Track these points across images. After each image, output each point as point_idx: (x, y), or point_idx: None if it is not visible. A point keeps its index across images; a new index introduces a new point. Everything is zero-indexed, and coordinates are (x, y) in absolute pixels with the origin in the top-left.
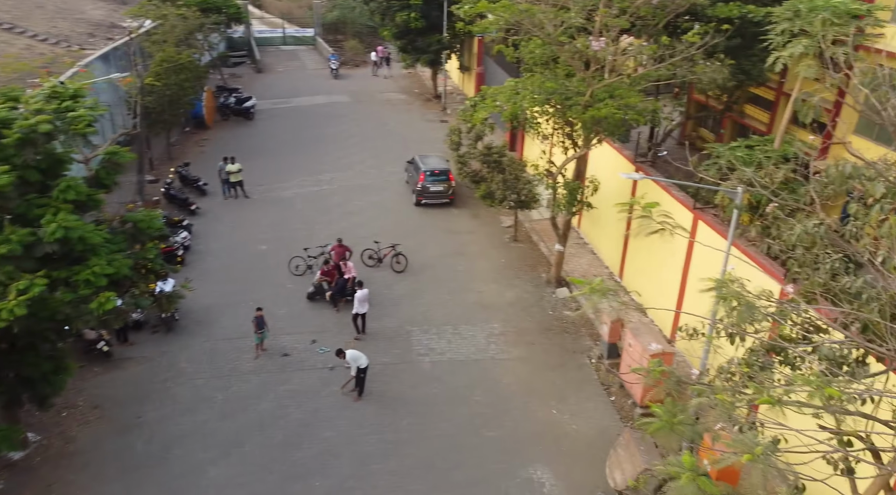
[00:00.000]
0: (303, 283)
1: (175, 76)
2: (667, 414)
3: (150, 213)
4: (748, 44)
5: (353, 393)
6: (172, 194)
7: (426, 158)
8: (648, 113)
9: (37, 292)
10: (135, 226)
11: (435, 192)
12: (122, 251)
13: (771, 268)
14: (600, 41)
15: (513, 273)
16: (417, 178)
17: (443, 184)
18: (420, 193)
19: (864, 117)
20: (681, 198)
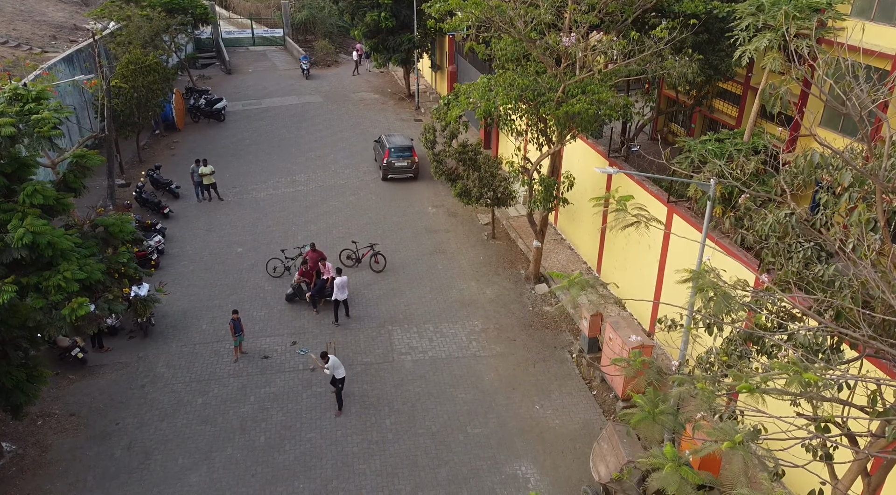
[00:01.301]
0: (281, 285)
1: (142, 78)
2: (648, 404)
3: (122, 217)
4: (715, 39)
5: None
6: (144, 198)
7: (391, 137)
8: (620, 108)
9: (6, 299)
10: (106, 230)
11: (399, 168)
12: (93, 255)
13: (745, 259)
14: (571, 37)
15: (492, 270)
16: (383, 155)
17: (406, 160)
18: (385, 169)
19: (829, 109)
20: (655, 191)
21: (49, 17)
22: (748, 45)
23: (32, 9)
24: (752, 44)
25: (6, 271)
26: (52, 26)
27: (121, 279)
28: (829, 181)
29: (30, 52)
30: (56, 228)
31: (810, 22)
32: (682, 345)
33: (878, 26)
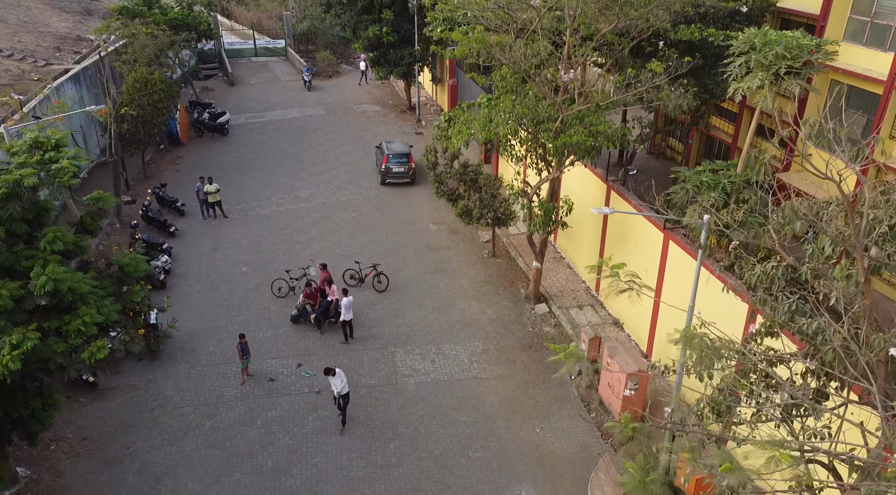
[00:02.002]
0: (286, 305)
1: (148, 97)
2: (639, 471)
3: (136, 257)
4: (710, 63)
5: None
6: (151, 216)
7: (391, 144)
8: (618, 138)
9: (30, 346)
10: (121, 269)
11: (397, 173)
12: (109, 295)
13: (740, 292)
14: (570, 73)
15: (492, 289)
16: (381, 161)
17: (403, 165)
18: (384, 174)
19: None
20: (651, 217)
21: (53, 28)
22: (741, 82)
23: (36, 20)
24: (744, 82)
25: (28, 316)
26: (55, 37)
27: (135, 317)
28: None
29: (35, 65)
30: (74, 271)
31: (799, 62)
32: (674, 390)
33: (869, 51)
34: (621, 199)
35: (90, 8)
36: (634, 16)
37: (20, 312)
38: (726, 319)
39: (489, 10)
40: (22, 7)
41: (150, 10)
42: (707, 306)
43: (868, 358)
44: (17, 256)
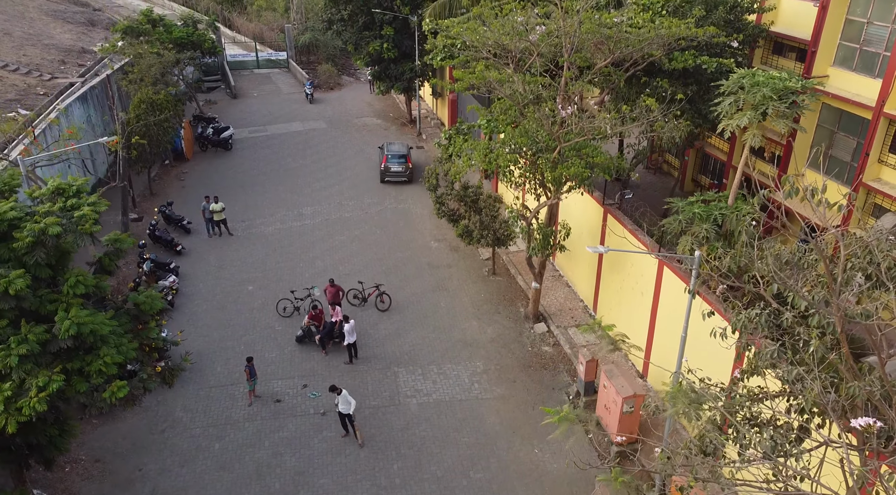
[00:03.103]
0: (291, 325)
1: (154, 116)
2: None
3: (151, 295)
4: (704, 89)
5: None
6: (158, 235)
7: (391, 145)
8: (614, 169)
9: (55, 388)
10: (137, 307)
11: (395, 172)
12: (127, 333)
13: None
14: (568, 109)
15: (493, 308)
16: (381, 160)
17: (401, 165)
18: (383, 172)
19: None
20: (646, 241)
21: (57, 41)
22: (731, 120)
23: (41, 32)
24: (733, 120)
25: (52, 358)
26: (60, 50)
27: (150, 352)
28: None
29: (40, 79)
30: (94, 311)
31: (786, 103)
32: (665, 433)
33: (859, 77)
34: (617, 223)
35: (93, 19)
36: (628, 51)
37: (45, 354)
38: (718, 350)
39: (488, 46)
40: (26, 19)
41: (155, 28)
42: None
43: (845, 404)
44: (41, 300)
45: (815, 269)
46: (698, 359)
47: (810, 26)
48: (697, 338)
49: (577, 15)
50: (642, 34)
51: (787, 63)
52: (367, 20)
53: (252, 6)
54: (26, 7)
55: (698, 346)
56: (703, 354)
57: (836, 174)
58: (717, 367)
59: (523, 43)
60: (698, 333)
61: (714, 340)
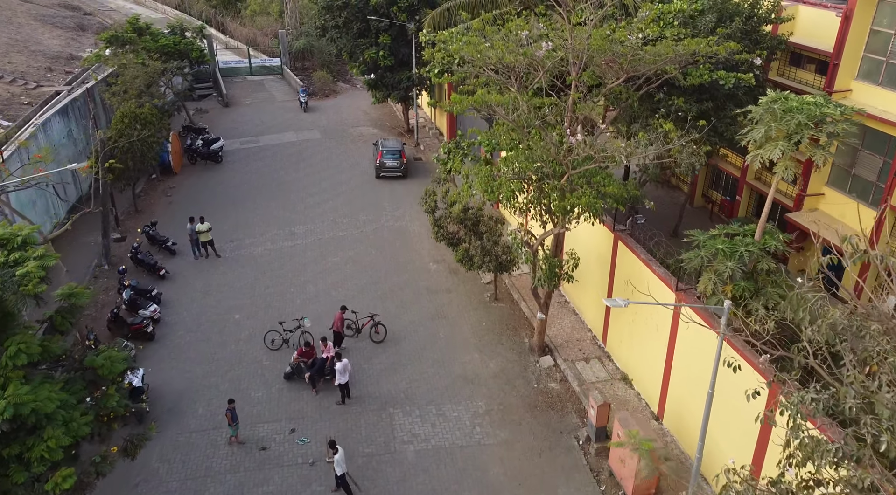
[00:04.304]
0: (279, 359)
1: (138, 132)
2: None
3: (111, 355)
4: (720, 105)
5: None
6: (140, 258)
7: (386, 141)
8: (628, 198)
9: None
10: (94, 371)
11: (390, 167)
12: (81, 402)
13: (758, 365)
14: (577, 135)
15: (495, 338)
16: (377, 156)
17: (396, 160)
18: (379, 168)
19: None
20: (662, 274)
21: (45, 46)
22: (761, 150)
23: (28, 38)
24: (763, 150)
25: None
26: (47, 57)
27: (110, 423)
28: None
29: (25, 88)
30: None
31: (823, 134)
32: None
33: (885, 91)
34: (629, 251)
35: (83, 23)
36: (642, 70)
37: None
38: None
39: (489, 65)
40: (14, 24)
41: (141, 37)
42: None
43: None
44: None
45: (878, 341)
46: (722, 410)
47: (831, 37)
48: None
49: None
50: (659, 51)
51: (805, 75)
52: (362, 27)
53: (246, 10)
54: (14, 12)
55: (722, 395)
56: (727, 404)
57: (860, 194)
58: (742, 421)
59: (527, 59)
60: (721, 378)
61: (738, 380)
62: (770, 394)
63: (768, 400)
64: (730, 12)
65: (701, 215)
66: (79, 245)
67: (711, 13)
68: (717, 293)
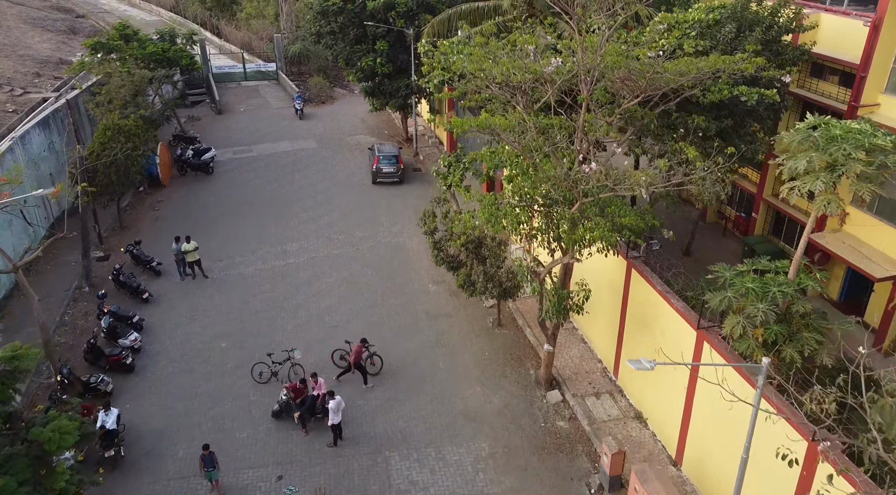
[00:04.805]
0: (267, 393)
1: (121, 145)
2: None
3: (61, 426)
4: (739, 123)
5: None
6: (122, 280)
7: (382, 147)
8: (647, 229)
9: None
10: (40, 446)
11: (387, 173)
12: (22, 485)
13: (797, 424)
14: (591, 166)
15: (499, 369)
16: (373, 161)
17: (393, 165)
18: (375, 173)
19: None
20: (681, 309)
21: (34, 51)
22: (797, 182)
23: (17, 41)
24: (802, 183)
25: None
26: (36, 61)
27: None
28: None
29: (11, 95)
30: None
31: (873, 167)
32: None
33: None
34: (643, 280)
35: (75, 26)
36: (662, 88)
37: None
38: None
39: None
40: (2, 27)
41: (128, 43)
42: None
43: None
44: None
45: None
46: (751, 461)
47: (857, 48)
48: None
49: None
50: (681, 69)
51: (828, 87)
52: (358, 33)
53: (241, 13)
54: (4, 15)
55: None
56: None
57: (889, 216)
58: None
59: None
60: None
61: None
62: (808, 454)
63: (806, 459)
64: (749, 21)
65: (714, 232)
66: (59, 265)
67: (730, 23)
68: (746, 336)
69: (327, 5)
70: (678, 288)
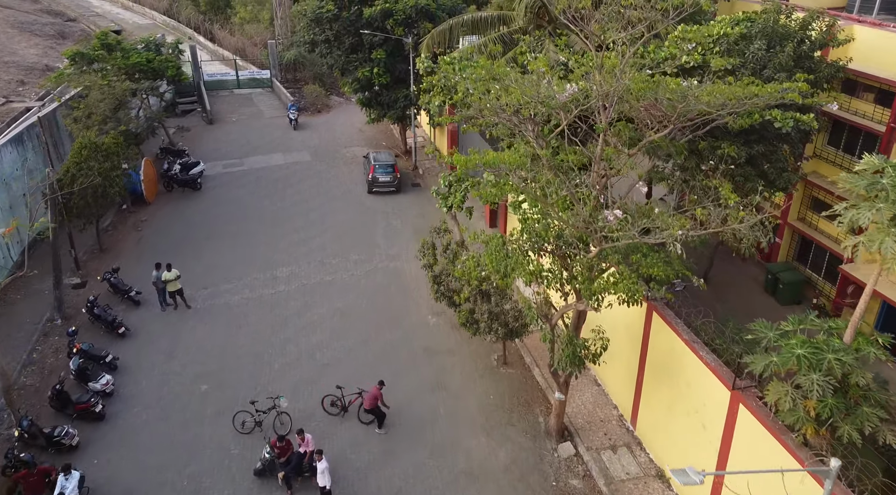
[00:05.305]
0: (250, 446)
1: (99, 165)
2: None
3: None
4: (771, 149)
5: None
6: (97, 313)
7: (378, 155)
8: (675, 278)
9: None
10: None
11: (383, 182)
12: None
13: None
14: (615, 213)
15: (505, 416)
16: (369, 170)
17: (389, 175)
18: (371, 183)
19: None
20: (713, 365)
21: (20, 57)
22: (861, 238)
23: (3, 47)
24: (870, 240)
25: None
26: (21, 68)
27: None
28: None
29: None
30: None
31: None
32: None
33: None
34: (667, 327)
35: (64, 31)
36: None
37: None
38: None
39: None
40: None
41: (111, 53)
42: None
43: None
44: None
45: None
46: None
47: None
48: None
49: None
50: (718, 99)
51: (862, 106)
52: (354, 42)
53: (236, 17)
54: None
55: None
56: None
57: None
58: None
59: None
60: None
61: None
62: None
63: None
64: (779, 36)
65: (734, 257)
66: (30, 294)
67: (760, 39)
68: (796, 409)
69: (321, 13)
70: (707, 337)
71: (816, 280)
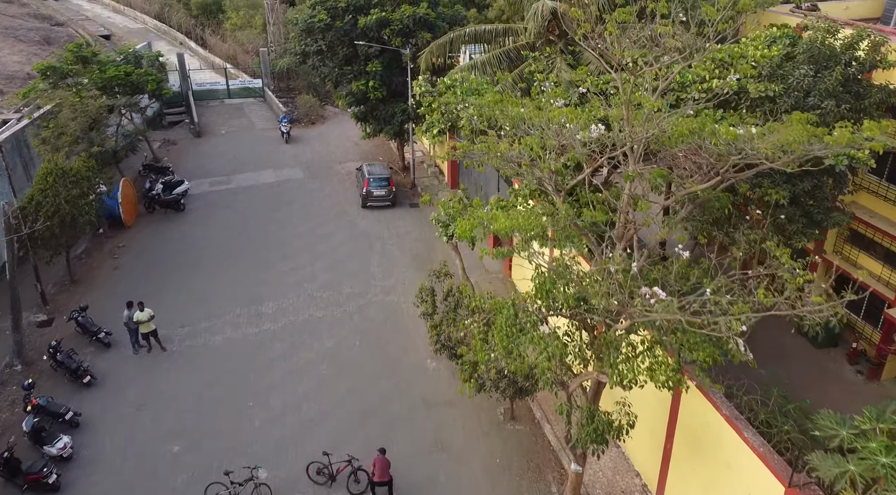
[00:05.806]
0: None
1: (66, 192)
2: None
3: None
4: (818, 185)
5: None
6: (59, 360)
7: (372, 167)
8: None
9: None
10: None
11: (378, 196)
12: None
13: None
14: (657, 292)
15: (514, 483)
16: (363, 184)
17: (384, 188)
18: (365, 197)
19: None
20: (762, 451)
21: (1, 64)
22: None
23: None
24: None
25: None
26: (1, 77)
27: None
28: None
29: None
30: None
31: None
32: None
33: None
34: (703, 397)
35: (50, 36)
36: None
37: None
38: None
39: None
40: None
41: (86, 66)
42: None
43: None
44: None
45: None
46: None
47: None
48: None
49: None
50: (777, 148)
51: None
52: (348, 53)
53: (227, 23)
54: None
55: None
56: None
57: None
58: None
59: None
60: None
61: None
62: None
63: None
64: (826, 58)
65: None
66: None
67: (806, 64)
68: None
69: (313, 22)
70: (748, 414)
71: (855, 321)
